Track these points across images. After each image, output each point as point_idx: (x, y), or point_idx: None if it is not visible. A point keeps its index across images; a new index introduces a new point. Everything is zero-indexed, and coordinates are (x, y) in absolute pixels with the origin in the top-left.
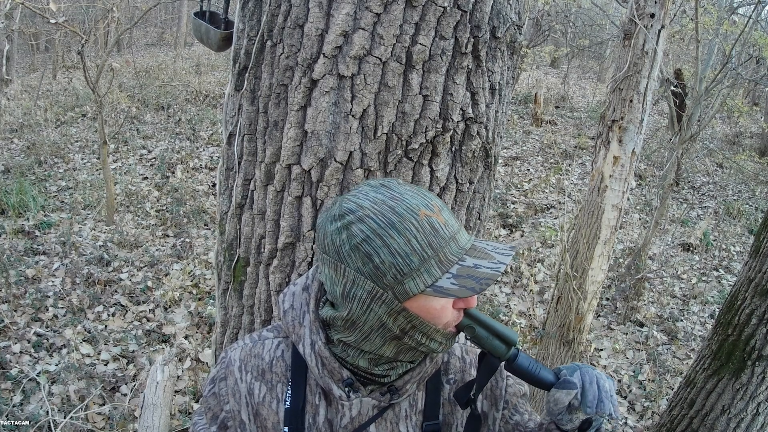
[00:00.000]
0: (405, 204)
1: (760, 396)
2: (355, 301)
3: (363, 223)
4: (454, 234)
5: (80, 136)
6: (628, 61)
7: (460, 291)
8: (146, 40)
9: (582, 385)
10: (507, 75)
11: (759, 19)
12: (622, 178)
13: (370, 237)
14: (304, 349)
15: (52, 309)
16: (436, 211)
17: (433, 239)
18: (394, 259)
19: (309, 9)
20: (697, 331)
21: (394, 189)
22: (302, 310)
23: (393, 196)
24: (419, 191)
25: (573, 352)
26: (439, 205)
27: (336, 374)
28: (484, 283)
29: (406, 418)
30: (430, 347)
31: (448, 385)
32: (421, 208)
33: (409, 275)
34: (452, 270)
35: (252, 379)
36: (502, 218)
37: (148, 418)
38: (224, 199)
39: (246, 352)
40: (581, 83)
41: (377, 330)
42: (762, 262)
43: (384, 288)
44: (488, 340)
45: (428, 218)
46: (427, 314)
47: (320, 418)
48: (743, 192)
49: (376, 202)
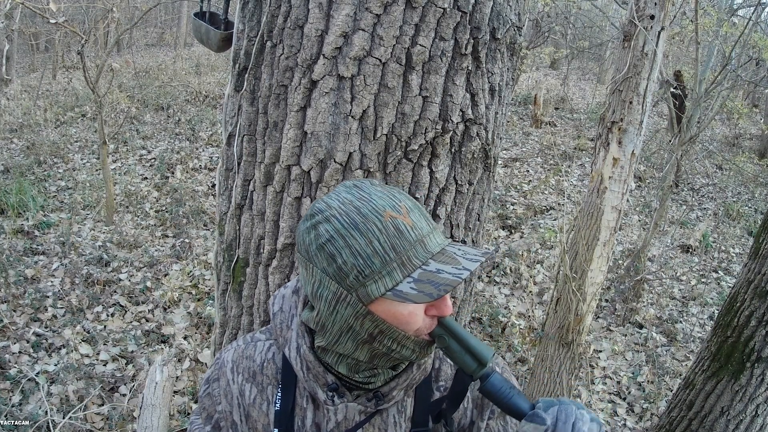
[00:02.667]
0: (371, 205)
1: (759, 397)
2: (322, 302)
3: (329, 223)
4: (421, 237)
5: (80, 136)
6: (628, 63)
7: (417, 296)
8: (146, 40)
9: (554, 424)
10: (507, 76)
11: (759, 20)
12: (621, 180)
13: (333, 237)
14: (290, 352)
15: (51, 309)
16: (404, 212)
17: (396, 242)
18: (356, 261)
19: (309, 10)
20: (696, 333)
21: (364, 190)
22: (291, 313)
23: (361, 197)
24: (390, 192)
25: (572, 353)
26: (409, 207)
27: (320, 378)
28: (442, 289)
29: (394, 424)
30: (403, 354)
31: (439, 392)
32: (387, 209)
33: (370, 277)
34: (414, 274)
35: (243, 381)
36: (501, 219)
37: (147, 418)
38: (224, 200)
39: (238, 353)
40: (581, 85)
41: (346, 333)
42: (761, 263)
43: (347, 290)
44: (459, 354)
45: (393, 220)
46: (394, 319)
47: (308, 421)
48: (743, 194)
49: (344, 203)
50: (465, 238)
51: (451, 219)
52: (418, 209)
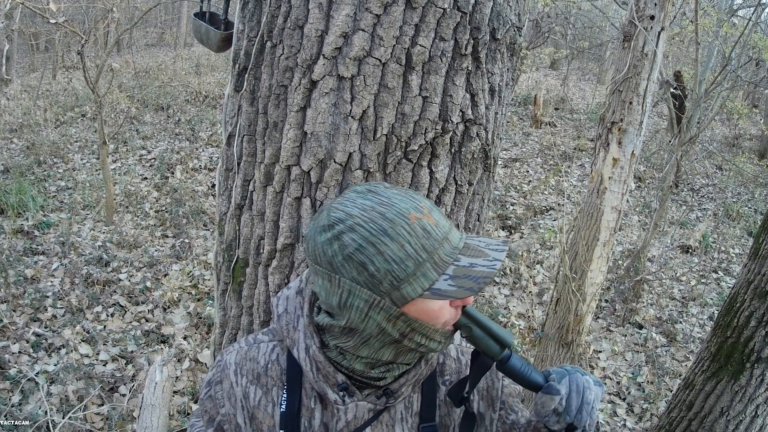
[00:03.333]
0: (395, 209)
1: (759, 398)
2: (353, 311)
3: (354, 231)
4: (446, 234)
5: (80, 137)
6: (628, 63)
7: (458, 292)
8: (146, 40)
9: (567, 393)
10: (507, 77)
11: (759, 21)
12: (621, 180)
13: (363, 246)
14: (298, 353)
15: (51, 309)
16: (426, 212)
17: (426, 242)
18: (390, 266)
19: (309, 10)
20: (696, 333)
21: (381, 194)
22: (296, 314)
23: (382, 202)
24: (407, 194)
25: (572, 353)
26: (428, 207)
27: (331, 378)
28: (481, 282)
29: (402, 420)
30: (429, 347)
31: (444, 386)
32: (411, 211)
33: (405, 280)
34: (448, 271)
35: (247, 383)
36: (501, 220)
37: (146, 418)
38: (223, 200)
39: (241, 355)
40: (581, 85)
41: (376, 336)
42: (761, 264)
43: (381, 295)
44: (483, 340)
45: (419, 221)
46: (426, 316)
47: (316, 422)
48: (742, 194)
49: (365, 209)
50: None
51: (451, 219)
52: (435, 207)
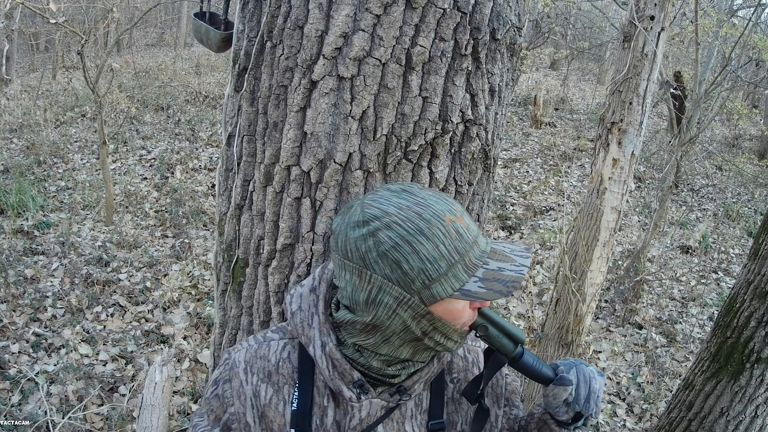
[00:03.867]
0: (431, 210)
1: (759, 398)
2: (381, 307)
3: (391, 229)
4: (475, 238)
5: (80, 137)
6: (628, 64)
7: (488, 294)
8: (146, 40)
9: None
10: (507, 77)
11: (759, 21)
12: (621, 181)
13: (399, 244)
14: (314, 350)
15: (51, 309)
16: (459, 216)
17: (458, 244)
18: (423, 265)
19: (309, 10)
20: (695, 334)
21: (417, 194)
22: (310, 312)
23: (418, 202)
24: (441, 196)
25: (571, 354)
26: (460, 210)
27: (347, 376)
28: (510, 286)
29: (411, 417)
30: (447, 346)
31: (452, 384)
32: (446, 213)
33: (437, 280)
34: (478, 274)
35: (258, 381)
36: (501, 220)
37: (146, 418)
38: (223, 200)
39: (251, 353)
40: (581, 85)
41: (399, 333)
42: (761, 264)
43: (411, 293)
44: (498, 339)
45: (453, 223)
46: (450, 316)
47: (328, 420)
48: (742, 194)
49: (402, 208)
50: None
51: None
52: (465, 212)
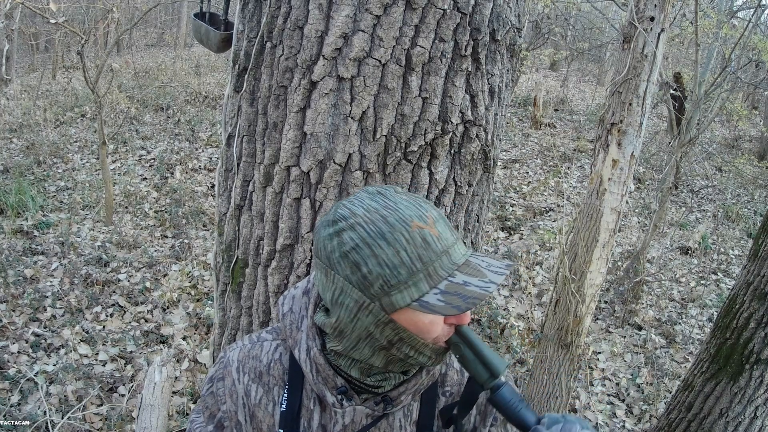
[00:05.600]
0: (398, 214)
1: (758, 399)
2: (342, 309)
3: (354, 230)
4: (447, 248)
5: (79, 137)
6: (628, 65)
7: (445, 308)
8: (146, 40)
9: None
10: (506, 78)
11: (758, 22)
12: (620, 182)
13: (359, 246)
14: (299, 354)
15: (51, 309)
16: (430, 223)
17: (423, 252)
18: (382, 270)
19: (309, 11)
20: (695, 335)
21: (389, 197)
22: (301, 315)
23: (387, 205)
24: (416, 201)
25: (571, 354)
26: (435, 217)
27: (330, 381)
28: (470, 302)
29: (400, 428)
30: (419, 360)
31: (444, 397)
32: (414, 219)
33: (396, 287)
34: (440, 286)
35: (249, 381)
36: (500, 221)
37: (145, 418)
38: (223, 201)
39: (244, 353)
40: (580, 86)
41: (365, 339)
42: (760, 265)
43: (371, 298)
44: (473, 364)
45: (420, 230)
46: (415, 328)
47: (314, 423)
48: (742, 195)
49: (369, 210)
50: (464, 240)
51: (450, 220)
52: (443, 219)
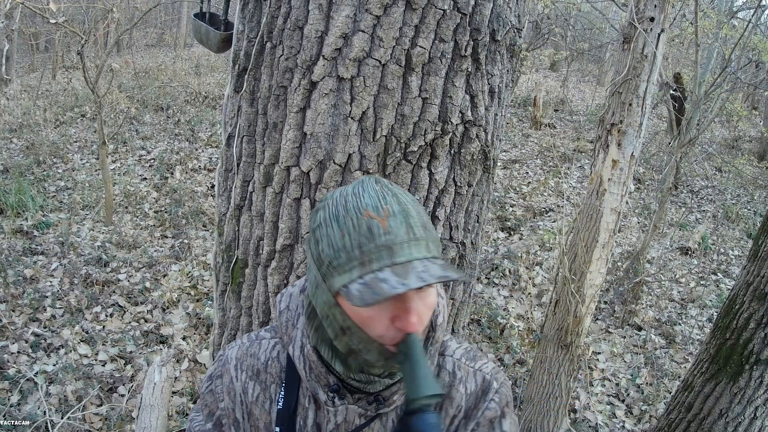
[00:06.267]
0: (358, 201)
1: (758, 400)
2: (310, 283)
3: (323, 210)
4: (391, 243)
5: (79, 137)
6: (628, 65)
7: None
8: (146, 41)
9: None
10: (506, 78)
11: (758, 23)
12: (620, 182)
13: (321, 224)
14: (293, 351)
15: (50, 309)
16: (384, 215)
17: (364, 242)
18: (329, 251)
19: (309, 11)
20: (695, 335)
21: (366, 186)
22: (297, 312)
23: (356, 192)
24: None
25: (571, 355)
26: (392, 212)
27: (322, 379)
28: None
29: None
30: (368, 359)
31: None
32: (368, 208)
33: (336, 270)
34: (366, 278)
35: (247, 379)
36: (500, 221)
37: (145, 418)
38: (223, 201)
39: (243, 351)
40: (580, 86)
41: (326, 320)
42: (760, 266)
43: (322, 276)
44: (405, 378)
45: (369, 220)
46: (357, 317)
47: (309, 421)
48: (742, 196)
49: (342, 194)
50: (464, 240)
51: (450, 220)
52: (405, 216)
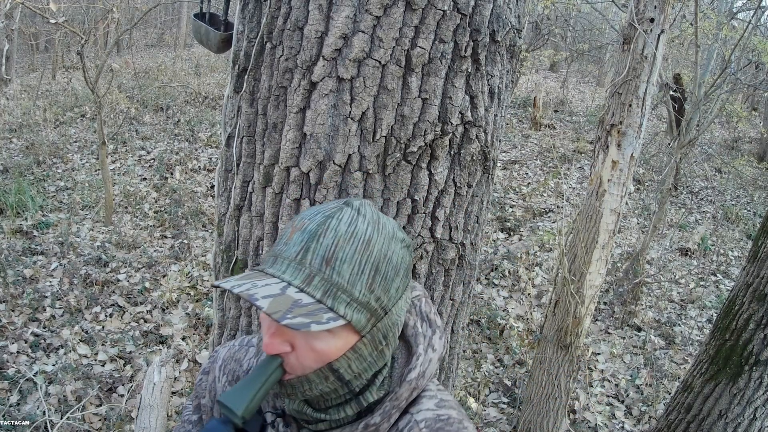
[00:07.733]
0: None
1: (758, 401)
2: None
3: None
4: (279, 254)
5: (79, 137)
6: (628, 66)
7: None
8: (146, 41)
9: None
10: (506, 79)
11: (758, 24)
12: (620, 183)
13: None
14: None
15: (50, 309)
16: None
17: (275, 246)
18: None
19: (309, 11)
20: (694, 336)
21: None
22: None
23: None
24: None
25: (570, 355)
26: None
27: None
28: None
29: None
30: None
31: None
32: (303, 219)
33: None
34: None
35: (226, 383)
36: (500, 222)
37: (144, 419)
38: (222, 201)
39: (230, 354)
40: (580, 87)
41: None
42: (760, 266)
43: None
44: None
45: (289, 229)
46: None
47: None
48: (741, 197)
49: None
50: (464, 241)
51: (449, 221)
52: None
